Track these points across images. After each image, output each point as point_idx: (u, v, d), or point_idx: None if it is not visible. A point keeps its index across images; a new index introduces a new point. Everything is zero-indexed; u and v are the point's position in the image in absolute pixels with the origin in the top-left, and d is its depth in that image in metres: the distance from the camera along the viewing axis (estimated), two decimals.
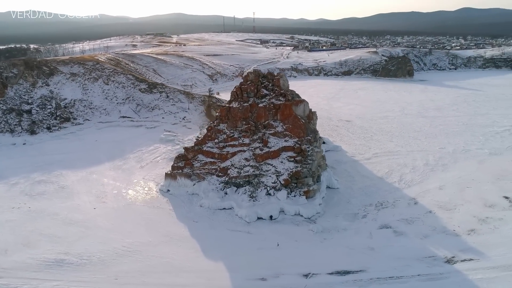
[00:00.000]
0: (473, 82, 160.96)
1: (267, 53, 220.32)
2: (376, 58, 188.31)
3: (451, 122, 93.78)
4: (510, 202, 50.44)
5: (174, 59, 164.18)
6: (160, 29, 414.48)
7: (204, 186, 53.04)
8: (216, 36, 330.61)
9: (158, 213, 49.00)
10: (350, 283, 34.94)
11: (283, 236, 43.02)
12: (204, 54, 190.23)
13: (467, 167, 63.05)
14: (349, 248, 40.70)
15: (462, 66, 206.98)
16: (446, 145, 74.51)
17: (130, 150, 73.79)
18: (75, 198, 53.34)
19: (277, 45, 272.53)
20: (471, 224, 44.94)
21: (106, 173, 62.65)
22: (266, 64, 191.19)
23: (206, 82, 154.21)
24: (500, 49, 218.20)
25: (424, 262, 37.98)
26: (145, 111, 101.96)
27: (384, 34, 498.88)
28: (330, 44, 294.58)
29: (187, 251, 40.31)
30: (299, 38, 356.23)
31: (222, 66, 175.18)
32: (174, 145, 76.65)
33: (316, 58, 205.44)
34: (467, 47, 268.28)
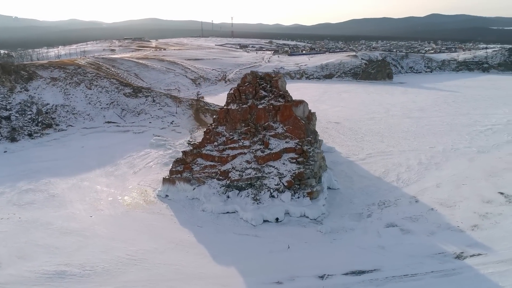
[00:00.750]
0: (450, 84, 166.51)
1: (248, 57, 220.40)
2: (356, 62, 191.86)
3: (435, 122, 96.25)
4: (506, 198, 51.87)
5: (155, 64, 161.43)
6: (135, 34, 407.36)
7: (205, 190, 51.76)
8: (195, 41, 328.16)
9: (160, 219, 47.32)
10: (366, 283, 34.66)
11: (292, 238, 42.37)
12: (186, 59, 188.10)
13: (459, 165, 64.59)
14: (360, 247, 40.52)
15: (437, 69, 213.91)
16: (436, 144, 76.25)
17: (120, 156, 71.39)
18: (68, 207, 50.78)
19: (257, 50, 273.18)
20: (473, 220, 45.79)
21: (98, 180, 60.19)
22: (248, 68, 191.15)
23: (189, 86, 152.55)
24: (472, 53, 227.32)
25: (435, 258, 38.25)
26: (131, 116, 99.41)
27: (359, 39, 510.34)
28: (310, 48, 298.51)
29: (196, 256, 38.96)
30: (277, 43, 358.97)
31: (205, 70, 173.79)
32: (166, 149, 74.81)
33: (297, 62, 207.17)
34: (440, 50, 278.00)
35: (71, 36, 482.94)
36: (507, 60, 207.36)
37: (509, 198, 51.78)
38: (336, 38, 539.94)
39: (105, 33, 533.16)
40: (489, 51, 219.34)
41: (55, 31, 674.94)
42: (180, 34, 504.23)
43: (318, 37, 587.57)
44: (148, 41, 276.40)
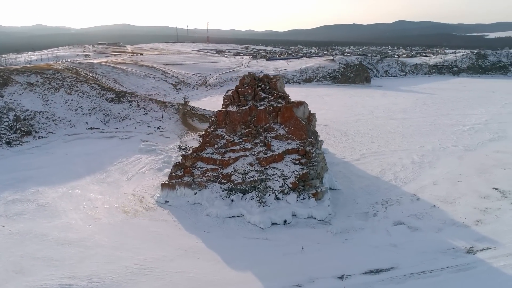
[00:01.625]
0: (425, 87, 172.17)
1: (227, 62, 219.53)
2: (334, 66, 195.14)
3: (419, 123, 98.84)
4: (501, 193, 53.53)
5: (134, 69, 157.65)
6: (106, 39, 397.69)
7: (207, 195, 50.34)
8: (171, 46, 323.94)
9: (163, 226, 45.46)
10: (386, 281, 34.47)
11: (303, 240, 41.71)
12: (164, 64, 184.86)
13: (450, 163, 66.31)
14: (372, 246, 40.42)
15: (410, 73, 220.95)
16: (424, 144, 78.13)
17: (110, 162, 68.56)
18: (62, 216, 47.93)
19: (234, 55, 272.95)
20: (475, 215, 46.85)
21: (90, 188, 57.37)
22: (228, 73, 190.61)
23: (170, 91, 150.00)
24: (442, 57, 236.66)
25: (447, 254, 38.68)
26: (115, 121, 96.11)
27: (332, 44, 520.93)
28: (287, 53, 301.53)
29: (208, 263, 37.54)
30: (253, 48, 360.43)
31: (185, 75, 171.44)
32: (157, 155, 72.56)
33: (276, 66, 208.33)
34: (412, 55, 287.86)
35: (38, 41, 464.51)
36: (475, 63, 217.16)
37: (504, 193, 53.49)
38: (310, 44, 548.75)
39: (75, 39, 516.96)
40: (458, 55, 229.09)
41: (21, 37, 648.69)
42: (153, 39, 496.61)
43: (291, 43, 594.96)
44: (123, 46, 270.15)
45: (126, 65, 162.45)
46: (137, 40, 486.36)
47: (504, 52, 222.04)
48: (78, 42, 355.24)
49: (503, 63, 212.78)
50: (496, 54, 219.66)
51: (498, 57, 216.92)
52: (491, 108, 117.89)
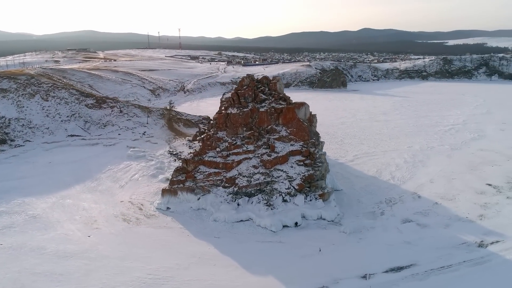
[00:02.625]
0: (398, 90, 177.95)
1: (203, 68, 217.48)
2: (311, 71, 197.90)
3: (402, 124, 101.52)
4: (495, 188, 55.46)
5: (109, 74, 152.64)
6: (71, 46, 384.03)
7: (211, 199, 48.73)
8: (143, 52, 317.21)
9: (169, 233, 43.42)
10: (409, 278, 34.40)
11: (317, 241, 41.09)
12: (140, 69, 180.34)
13: (441, 162, 68.22)
14: (387, 244, 40.42)
15: (382, 77, 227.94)
16: (412, 144, 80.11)
17: (98, 170, 65.28)
18: (57, 228, 44.75)
19: (209, 61, 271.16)
20: (477, 211, 48.14)
21: (82, 197, 54.17)
22: (206, 78, 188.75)
23: (148, 97, 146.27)
24: (412, 62, 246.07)
25: (461, 249, 39.29)
26: (96, 128, 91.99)
27: (302, 51, 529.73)
28: (262, 59, 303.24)
29: (226, 269, 36.04)
30: (227, 54, 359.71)
31: (162, 81, 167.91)
32: (147, 161, 69.87)
33: (253, 72, 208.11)
34: (383, 60, 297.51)
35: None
36: (442, 68, 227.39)
37: (497, 188, 55.43)
38: (281, 50, 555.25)
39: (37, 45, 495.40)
40: (426, 61, 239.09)
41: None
42: (121, 46, 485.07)
43: (261, 49, 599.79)
44: (94, 52, 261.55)
45: (100, 71, 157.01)
46: (105, 46, 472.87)
47: (468, 58, 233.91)
48: (41, 48, 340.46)
49: (468, 68, 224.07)
50: (461, 60, 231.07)
51: (463, 62, 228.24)
52: (465, 109, 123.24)
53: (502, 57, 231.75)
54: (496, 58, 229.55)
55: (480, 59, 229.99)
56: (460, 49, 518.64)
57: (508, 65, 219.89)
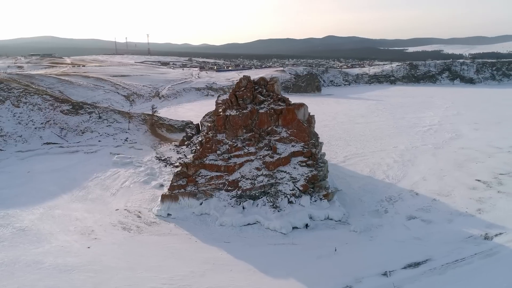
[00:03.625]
0: (371, 94, 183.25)
1: (176, 74, 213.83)
2: (285, 76, 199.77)
3: (382, 126, 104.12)
4: (485, 183, 57.71)
5: (80, 80, 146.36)
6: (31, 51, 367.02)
7: (215, 204, 47.21)
8: (111, 58, 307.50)
9: (176, 240, 41.48)
10: (428, 273, 34.67)
11: (330, 241, 40.71)
12: (111, 75, 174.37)
13: (428, 160, 70.29)
14: (398, 241, 40.71)
15: (353, 82, 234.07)
16: (397, 144, 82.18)
17: (84, 178, 61.81)
18: (51, 240, 41.53)
19: (182, 66, 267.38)
20: (474, 205, 49.73)
21: (72, 206, 50.85)
22: (181, 84, 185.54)
23: (123, 103, 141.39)
24: (380, 67, 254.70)
25: (469, 242, 40.24)
26: (74, 135, 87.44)
27: (271, 57, 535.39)
28: (235, 65, 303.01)
29: (245, 274, 34.74)
30: (197, 60, 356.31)
31: (136, 87, 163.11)
32: (135, 167, 67.01)
33: (228, 77, 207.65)
34: (352, 66, 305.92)
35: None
36: (408, 73, 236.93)
37: (487, 183, 57.70)
38: (250, 57, 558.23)
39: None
40: (393, 66, 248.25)
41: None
42: (84, 52, 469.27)
43: (230, 56, 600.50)
44: (60, 58, 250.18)
45: (70, 76, 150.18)
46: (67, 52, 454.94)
47: (432, 63, 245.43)
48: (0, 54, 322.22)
49: (432, 73, 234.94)
50: (426, 65, 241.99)
51: (427, 67, 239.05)
52: (437, 111, 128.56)
53: (463, 62, 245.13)
54: (458, 63, 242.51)
55: (443, 64, 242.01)
56: (419, 56, 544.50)
57: (468, 70, 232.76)
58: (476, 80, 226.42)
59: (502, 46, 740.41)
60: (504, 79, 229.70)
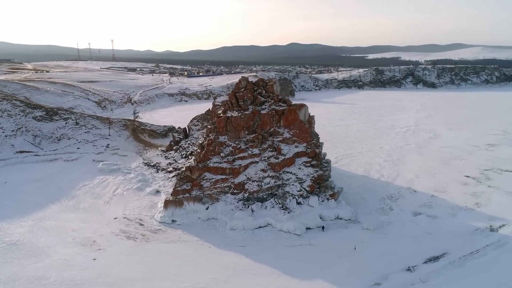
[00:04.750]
0: (342, 99, 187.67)
1: (146, 79, 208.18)
2: None
3: (362, 128, 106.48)
4: (474, 179, 60.16)
5: (47, 86, 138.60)
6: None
7: (221, 208, 45.61)
8: (74, 64, 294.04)
9: (188, 247, 39.46)
10: (449, 266, 35.19)
11: (346, 240, 40.45)
12: (79, 81, 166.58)
13: (415, 159, 72.43)
14: (412, 237, 41.19)
15: (323, 87, 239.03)
16: (382, 145, 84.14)
17: (71, 187, 57.95)
18: (51, 253, 38.14)
19: (151, 72, 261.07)
20: (471, 199, 51.58)
21: (64, 217, 47.25)
22: (153, 90, 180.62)
23: (94, 109, 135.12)
24: (348, 73, 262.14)
25: (477, 235, 41.46)
26: (49, 142, 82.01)
27: (238, 64, 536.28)
28: (205, 70, 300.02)
29: (269, 277, 33.53)
30: (164, 66, 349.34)
31: (107, 93, 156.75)
32: (124, 174, 63.73)
33: (200, 83, 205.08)
34: (321, 71, 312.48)
35: None
36: (375, 78, 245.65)
37: (476, 179, 60.17)
38: (216, 63, 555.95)
39: None
40: (361, 71, 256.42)
41: None
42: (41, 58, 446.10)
43: (196, 62, 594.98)
44: (20, 63, 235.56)
45: (35, 82, 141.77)
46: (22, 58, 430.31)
47: (397, 68, 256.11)
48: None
49: (397, 78, 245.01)
50: (391, 70, 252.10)
51: (392, 72, 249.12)
52: (410, 113, 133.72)
53: (425, 67, 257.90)
54: (420, 68, 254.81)
55: (407, 69, 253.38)
56: (379, 62, 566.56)
57: (430, 75, 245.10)
58: (437, 84, 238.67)
59: (454, 54, 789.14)
60: (462, 83, 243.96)
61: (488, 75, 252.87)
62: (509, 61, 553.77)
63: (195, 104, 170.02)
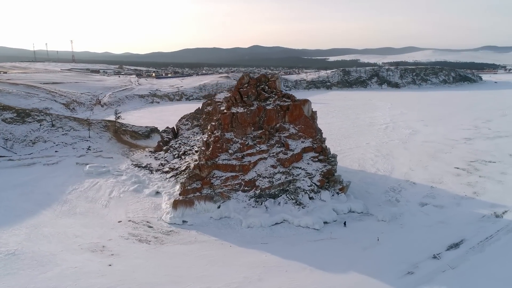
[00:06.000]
0: (314, 98, 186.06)
1: (113, 81, 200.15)
2: (231, 82, 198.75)
3: (344, 125, 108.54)
4: (464, 170, 62.83)
5: (9, 88, 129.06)
6: None
7: (233, 206, 44.18)
8: (31, 65, 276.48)
9: (208, 247, 37.71)
10: (471, 252, 36.14)
11: (364, 232, 40.54)
12: (42, 82, 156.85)
13: (403, 153, 74.59)
14: (426, 226, 42.03)
15: (293, 88, 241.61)
16: (368, 141, 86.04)
17: (59, 191, 53.97)
18: (58, 261, 34.94)
19: (118, 74, 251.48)
20: (468, 189, 53.71)
21: (61, 223, 43.70)
22: (122, 91, 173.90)
23: (63, 111, 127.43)
24: (316, 74, 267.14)
25: (485, 221, 43.09)
26: (22, 146, 76.20)
27: (203, 66, 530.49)
28: (174, 72, 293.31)
29: (302, 273, 32.69)
30: (128, 68, 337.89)
31: (74, 94, 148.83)
32: (115, 176, 60.34)
33: (171, 84, 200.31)
34: (290, 72, 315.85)
35: None
36: (342, 79, 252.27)
37: (465, 170, 62.89)
38: (180, 65, 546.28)
39: None
40: (328, 72, 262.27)
41: None
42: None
43: (159, 64, 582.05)
44: None
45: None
46: None
47: (363, 69, 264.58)
48: None
49: (363, 78, 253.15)
50: (357, 71, 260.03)
51: (359, 73, 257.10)
52: (383, 111, 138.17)
53: (388, 68, 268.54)
54: (384, 69, 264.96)
55: (372, 70, 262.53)
56: (340, 65, 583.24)
57: (393, 75, 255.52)
58: (400, 84, 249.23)
59: (408, 56, 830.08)
60: (422, 83, 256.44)
61: (445, 76, 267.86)
62: (458, 63, 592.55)
63: (169, 106, 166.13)
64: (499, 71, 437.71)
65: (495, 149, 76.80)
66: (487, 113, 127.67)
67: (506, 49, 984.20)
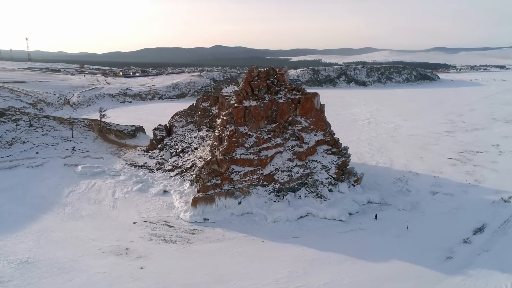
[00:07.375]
0: None
1: (80, 80, 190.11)
2: (205, 81, 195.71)
3: (332, 121, 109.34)
4: (458, 160, 65.50)
5: None
6: None
7: (254, 201, 42.94)
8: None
9: (241, 244, 36.26)
10: (496, 235, 37.41)
11: (390, 221, 40.89)
12: (1, 81, 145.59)
13: (395, 146, 76.59)
14: (444, 213, 43.11)
15: None
16: (358, 135, 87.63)
17: (56, 194, 50.08)
18: (83, 267, 32.04)
19: (81, 73, 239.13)
20: (470, 177, 55.93)
21: (69, 226, 40.38)
22: (91, 91, 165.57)
23: (31, 111, 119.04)
24: None
25: (496, 206, 44.94)
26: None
27: (167, 65, 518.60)
28: (142, 71, 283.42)
29: (345, 264, 32.22)
30: (90, 67, 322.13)
31: (40, 94, 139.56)
32: (113, 177, 56.95)
33: (141, 83, 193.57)
34: None
35: None
36: (312, 77, 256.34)
37: (459, 159, 65.58)
38: (142, 65, 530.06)
39: None
40: (298, 71, 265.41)
41: None
42: None
43: (120, 64, 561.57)
44: None
45: None
46: None
47: (331, 68, 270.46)
48: None
49: (332, 77, 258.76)
50: (326, 70, 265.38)
51: (327, 72, 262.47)
52: (360, 108, 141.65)
53: (355, 67, 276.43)
54: (351, 68, 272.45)
55: (340, 69, 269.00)
56: (302, 65, 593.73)
57: (360, 74, 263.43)
58: (367, 82, 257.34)
59: (366, 56, 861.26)
60: (387, 81, 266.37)
61: (408, 74, 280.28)
62: (413, 63, 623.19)
63: (142, 105, 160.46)
64: (451, 71, 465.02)
65: (477, 140, 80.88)
66: (456, 108, 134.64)
67: (455, 50, 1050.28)
